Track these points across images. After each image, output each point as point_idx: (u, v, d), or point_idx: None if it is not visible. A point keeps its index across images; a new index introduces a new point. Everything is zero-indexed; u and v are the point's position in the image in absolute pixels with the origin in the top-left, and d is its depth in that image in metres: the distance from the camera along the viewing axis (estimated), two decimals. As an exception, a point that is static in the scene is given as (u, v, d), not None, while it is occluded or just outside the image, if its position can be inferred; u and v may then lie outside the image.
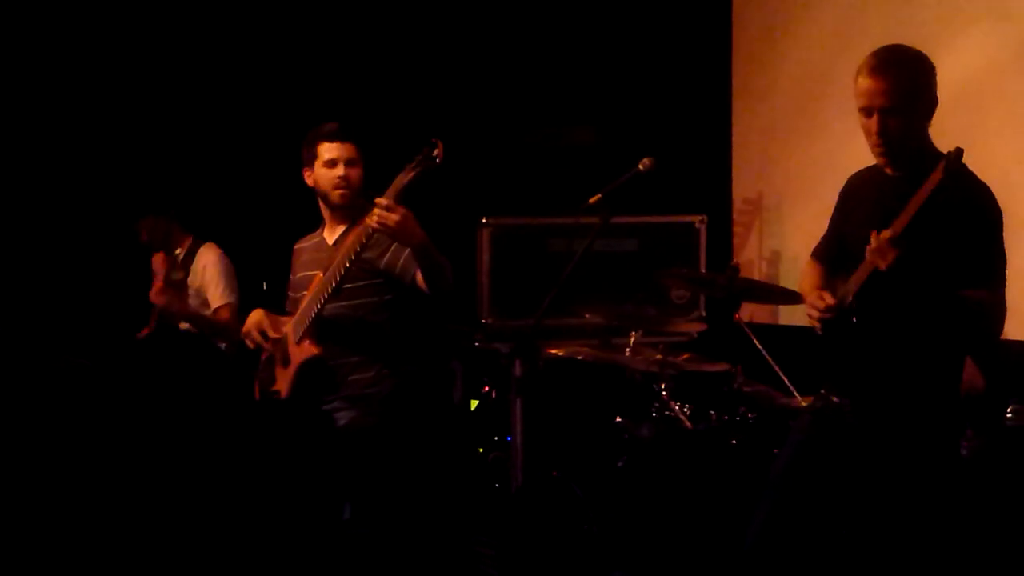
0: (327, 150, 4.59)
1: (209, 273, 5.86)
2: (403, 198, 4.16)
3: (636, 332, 5.06)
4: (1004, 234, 3.61)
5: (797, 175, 6.31)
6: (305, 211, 4.87)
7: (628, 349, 5.05)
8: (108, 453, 2.76)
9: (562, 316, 5.01)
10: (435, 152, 4.11)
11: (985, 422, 4.46)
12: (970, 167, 3.52)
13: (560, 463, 5.03)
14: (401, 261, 4.43)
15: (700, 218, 5.98)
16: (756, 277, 6.33)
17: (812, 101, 6.19)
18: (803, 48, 6.33)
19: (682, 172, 5.90)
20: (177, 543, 2.65)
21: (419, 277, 4.38)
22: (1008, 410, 4.55)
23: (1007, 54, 5.29)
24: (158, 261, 6.17)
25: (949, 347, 3.65)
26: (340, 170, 4.58)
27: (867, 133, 3.61)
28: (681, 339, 5.60)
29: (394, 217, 4.12)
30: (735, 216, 6.74)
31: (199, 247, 5.96)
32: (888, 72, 3.54)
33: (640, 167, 4.11)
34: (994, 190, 3.61)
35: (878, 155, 3.64)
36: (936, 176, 3.32)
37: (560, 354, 5.16)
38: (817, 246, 4.02)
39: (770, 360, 4.94)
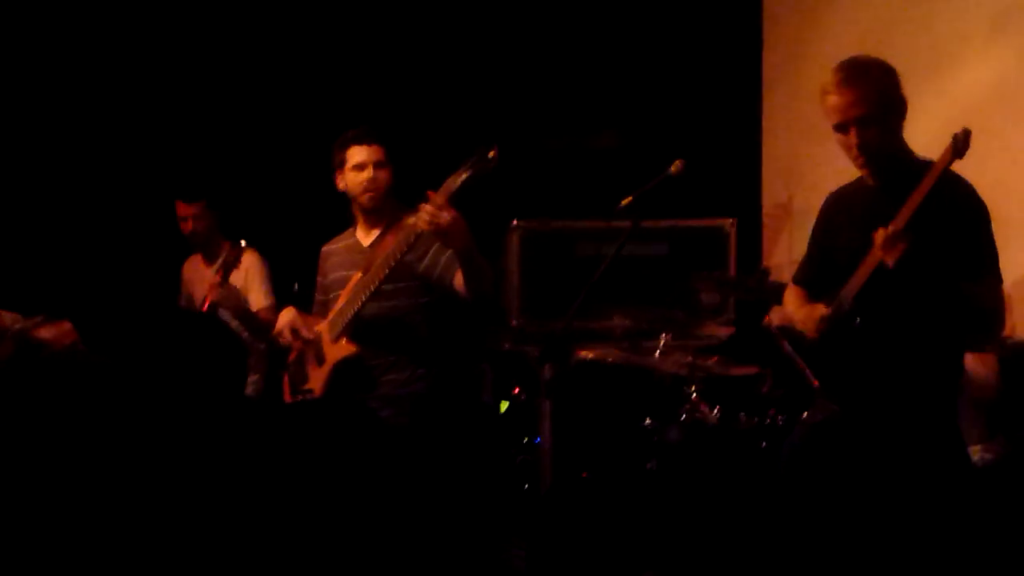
0: (355, 153, 4.62)
1: (251, 275, 5.93)
2: (455, 200, 4.18)
3: (666, 335, 5.07)
4: (1005, 243, 3.63)
5: (827, 178, 6.24)
6: (332, 214, 4.90)
7: (658, 352, 5.05)
8: (124, 449, 2.78)
9: (592, 319, 5.02)
10: (490, 154, 4.12)
11: (1013, 428, 4.46)
12: (974, 178, 3.55)
13: (589, 465, 5.04)
14: (441, 265, 4.45)
15: (730, 221, 5.98)
16: (786, 280, 6.32)
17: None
18: (834, 50, 6.28)
19: (712, 176, 5.90)
20: (202, 542, 2.67)
21: (457, 281, 4.40)
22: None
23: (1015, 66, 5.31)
24: (190, 268, 6.24)
25: (950, 344, 3.65)
26: (369, 172, 4.60)
27: (847, 148, 3.63)
28: (711, 342, 5.60)
29: (446, 218, 4.13)
30: (765, 219, 6.73)
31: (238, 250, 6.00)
32: (855, 83, 3.57)
33: (671, 170, 4.12)
34: (996, 202, 3.64)
35: (861, 167, 3.65)
36: (945, 157, 3.35)
37: (590, 357, 5.17)
38: (797, 271, 4.04)
39: (800, 363, 4.93)
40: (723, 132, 6.82)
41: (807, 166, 6.53)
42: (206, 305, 5.45)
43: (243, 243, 5.24)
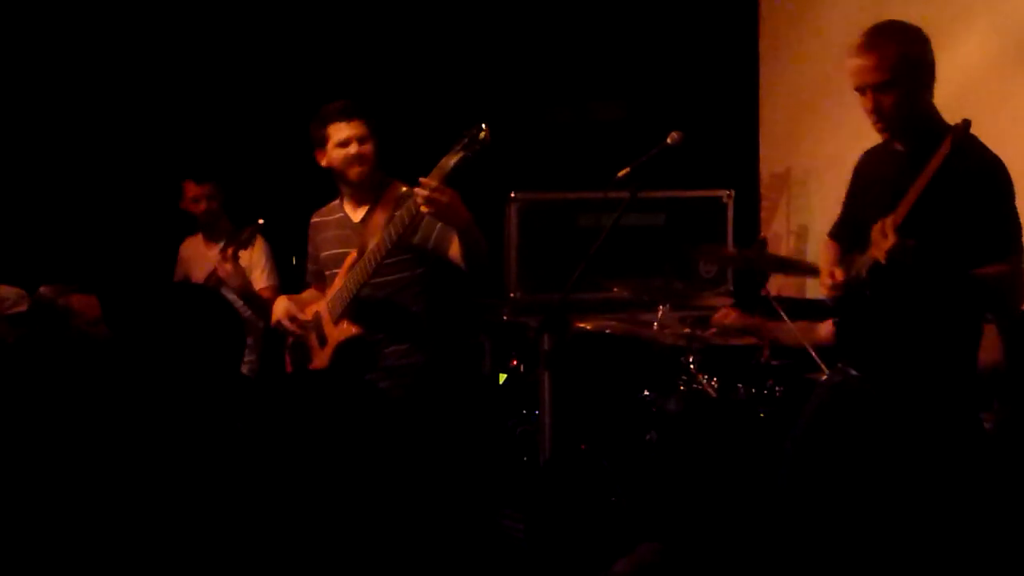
0: (338, 130, 4.58)
1: (255, 256, 5.96)
2: (450, 179, 4.16)
3: (664, 306, 5.08)
4: None
5: (824, 149, 6.30)
6: (319, 188, 4.90)
7: (656, 323, 5.06)
8: (127, 430, 2.80)
9: (590, 290, 5.03)
10: (481, 135, 4.10)
11: (1012, 394, 4.47)
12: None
13: (588, 437, 5.06)
14: (434, 237, 4.45)
15: (728, 192, 5.98)
16: (784, 251, 6.33)
17: (839, 75, 6.06)
18: (831, 22, 6.31)
19: (710, 147, 5.90)
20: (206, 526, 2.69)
21: (452, 252, 4.41)
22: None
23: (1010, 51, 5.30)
24: (189, 247, 6.25)
25: (965, 320, 3.66)
26: (354, 148, 4.57)
27: (865, 112, 3.63)
28: (709, 313, 5.61)
29: (444, 199, 4.12)
30: (763, 190, 6.73)
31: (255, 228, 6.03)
32: (875, 48, 3.56)
33: (668, 141, 4.12)
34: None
35: (880, 131, 3.65)
36: (943, 151, 3.33)
37: (588, 328, 5.18)
38: (834, 225, 4.04)
39: (798, 333, 4.94)
40: (720, 103, 6.81)
41: (805, 137, 6.53)
42: (213, 280, 5.49)
43: (260, 222, 5.26)
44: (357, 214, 4.69)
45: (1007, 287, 3.55)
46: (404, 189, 4.46)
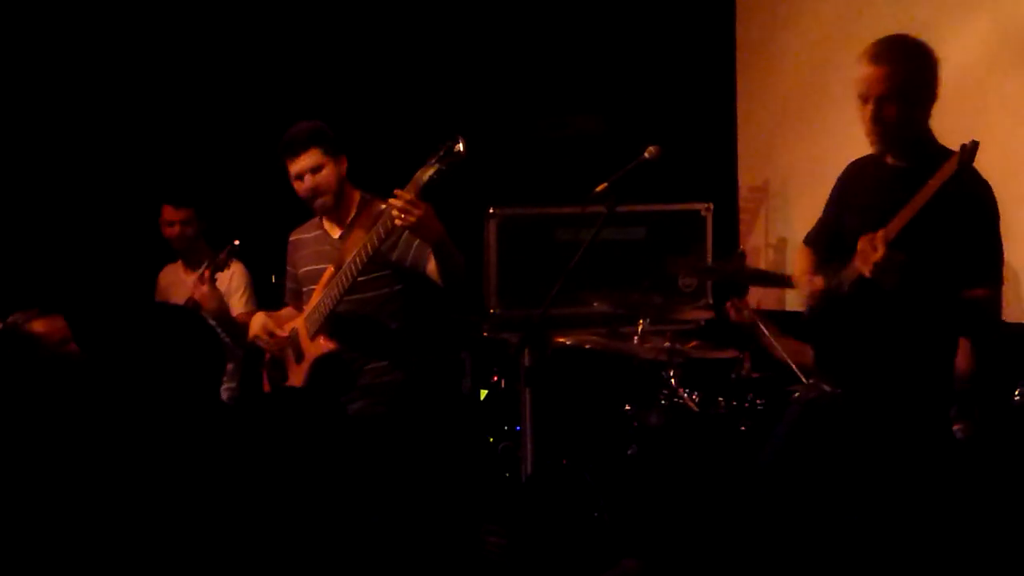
0: (292, 164, 4.58)
1: (235, 281, 5.95)
2: (424, 193, 4.15)
3: (644, 320, 5.08)
4: (1006, 229, 3.63)
5: (802, 162, 6.31)
6: (297, 209, 4.89)
7: (636, 337, 5.06)
8: (104, 448, 2.78)
9: (570, 305, 5.02)
10: (456, 147, 4.08)
11: (973, 403, 4.47)
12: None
13: (570, 452, 5.05)
14: (412, 253, 4.44)
15: (706, 206, 5.98)
16: (763, 264, 6.34)
17: (817, 88, 6.19)
18: (807, 35, 6.33)
19: (688, 160, 5.91)
20: (186, 535, 2.67)
21: (430, 268, 4.40)
22: (1016, 391, 4.56)
23: (1007, 49, 5.30)
24: (168, 274, 6.23)
25: (942, 338, 3.66)
26: (308, 181, 4.55)
27: (863, 120, 3.62)
28: (689, 327, 5.61)
29: (416, 212, 4.11)
30: (741, 203, 6.74)
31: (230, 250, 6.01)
32: (889, 60, 3.55)
33: (646, 155, 4.12)
34: (993, 186, 3.62)
35: (873, 143, 3.64)
36: (948, 170, 3.32)
37: (568, 343, 5.17)
38: (810, 232, 4.03)
39: (777, 346, 4.94)
40: (698, 116, 6.82)
41: (782, 150, 6.54)
42: (191, 305, 5.47)
43: (236, 243, 5.24)
44: (336, 230, 4.68)
45: (988, 311, 3.56)
46: (383, 206, 4.46)
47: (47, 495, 2.76)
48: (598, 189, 4.12)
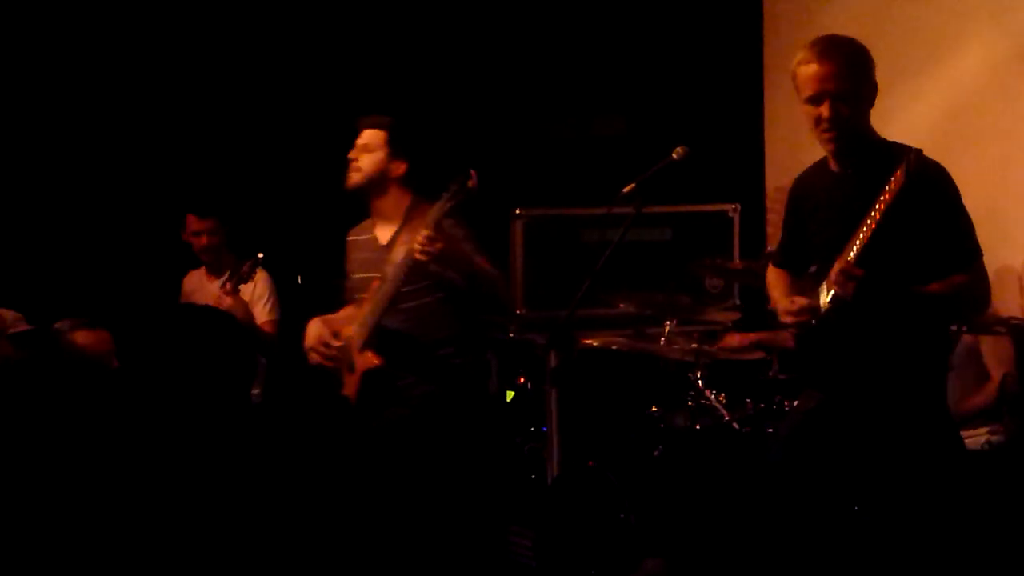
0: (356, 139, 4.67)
1: (258, 290, 5.96)
2: (441, 228, 4.26)
3: (670, 321, 5.06)
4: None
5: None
6: (323, 218, 4.92)
7: (663, 338, 5.05)
8: (128, 458, 2.79)
9: (596, 306, 5.01)
10: (469, 183, 4.19)
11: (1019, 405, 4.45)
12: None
13: (596, 453, 5.04)
14: (449, 270, 4.48)
15: (733, 206, 5.97)
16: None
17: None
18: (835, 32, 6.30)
19: (715, 160, 5.89)
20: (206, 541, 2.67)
21: (463, 283, 4.46)
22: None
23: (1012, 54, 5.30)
24: (192, 281, 6.25)
25: (932, 337, 3.63)
26: (354, 153, 4.64)
27: (817, 122, 3.58)
28: (716, 328, 5.59)
29: (436, 247, 4.22)
30: (768, 203, 6.72)
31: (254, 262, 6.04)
32: (834, 56, 3.54)
33: (674, 155, 4.11)
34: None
35: (827, 141, 3.61)
36: (895, 185, 3.29)
37: (595, 344, 5.17)
38: (775, 253, 4.01)
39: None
40: (726, 117, 6.80)
41: (809, 150, 6.44)
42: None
43: (260, 256, 5.27)
44: (385, 235, 4.69)
45: (967, 296, 3.55)
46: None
47: (57, 496, 2.77)
48: (626, 190, 4.12)
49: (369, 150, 4.62)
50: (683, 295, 5.19)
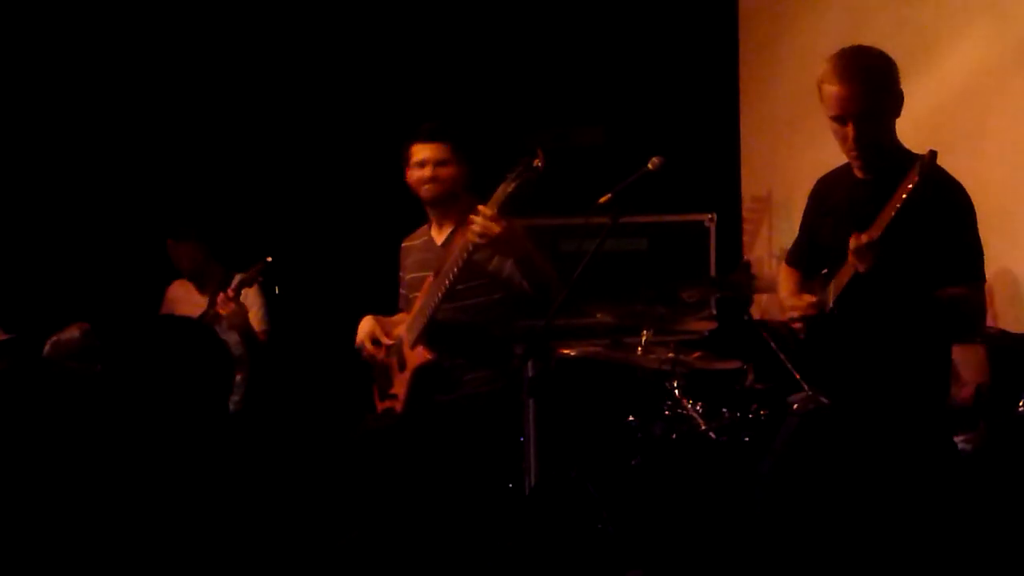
0: (419, 150, 4.71)
1: (251, 298, 5.99)
2: (506, 209, 4.28)
3: (647, 331, 5.06)
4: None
5: (806, 171, 6.23)
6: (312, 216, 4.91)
7: (639, 348, 5.05)
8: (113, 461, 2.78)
9: (573, 316, 5.01)
10: (535, 162, 4.20)
11: (995, 415, 4.47)
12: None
13: (574, 463, 5.03)
14: (507, 268, 4.49)
15: (710, 216, 5.99)
16: (766, 274, 6.33)
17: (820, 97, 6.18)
18: (810, 44, 6.33)
19: (691, 171, 5.91)
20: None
21: (525, 284, 4.44)
22: (1021, 402, 4.55)
23: (1008, 52, 5.30)
24: (178, 289, 6.25)
25: (933, 343, 3.64)
26: (428, 171, 4.67)
27: (842, 140, 3.59)
28: (692, 337, 5.60)
29: (496, 228, 4.25)
30: (745, 213, 6.75)
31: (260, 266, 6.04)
32: (857, 76, 3.51)
33: (649, 166, 4.13)
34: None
35: (854, 159, 3.63)
36: (911, 180, 3.30)
37: (572, 354, 5.16)
38: (790, 251, 4.03)
39: (782, 357, 4.93)
40: (701, 127, 6.83)
41: (785, 159, 6.54)
42: (208, 319, 5.50)
43: (268, 260, 5.30)
44: (441, 236, 4.73)
45: (972, 309, 3.55)
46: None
47: (40, 501, 2.76)
48: (602, 200, 4.13)
49: (445, 163, 4.67)
50: (660, 305, 5.19)
